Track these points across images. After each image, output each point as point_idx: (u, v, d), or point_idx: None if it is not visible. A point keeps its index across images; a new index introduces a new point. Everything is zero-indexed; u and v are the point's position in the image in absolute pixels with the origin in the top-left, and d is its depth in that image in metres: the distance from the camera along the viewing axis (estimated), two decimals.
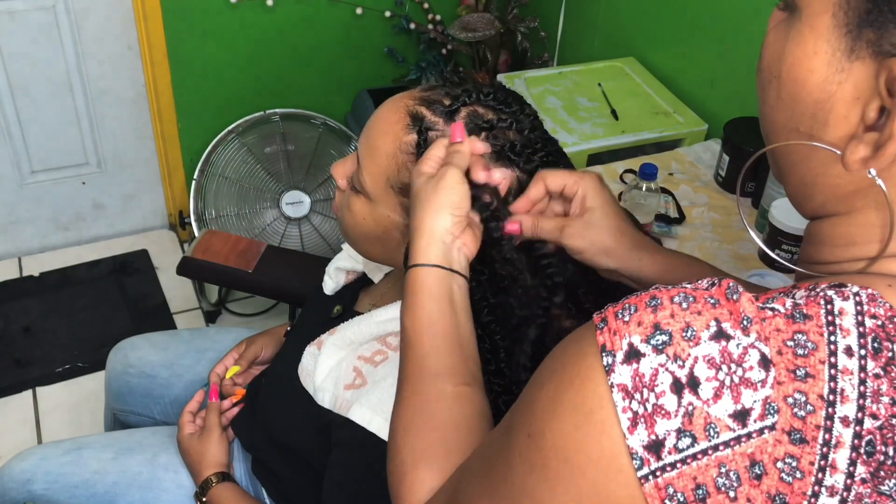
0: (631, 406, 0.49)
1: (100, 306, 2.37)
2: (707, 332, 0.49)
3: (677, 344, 0.49)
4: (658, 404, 0.48)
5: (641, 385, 0.49)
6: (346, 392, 0.92)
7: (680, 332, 0.49)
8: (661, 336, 0.49)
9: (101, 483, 1.19)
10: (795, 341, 0.49)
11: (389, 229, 0.92)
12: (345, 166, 0.96)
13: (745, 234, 1.52)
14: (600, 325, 0.52)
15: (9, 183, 2.43)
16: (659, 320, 0.50)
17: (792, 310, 0.50)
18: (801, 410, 0.48)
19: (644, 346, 0.49)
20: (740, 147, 1.58)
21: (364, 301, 1.09)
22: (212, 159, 2.39)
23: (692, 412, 0.48)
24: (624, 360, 0.50)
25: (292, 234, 2.43)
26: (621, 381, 0.49)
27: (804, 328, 0.49)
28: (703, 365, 0.48)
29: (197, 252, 1.85)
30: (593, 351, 0.51)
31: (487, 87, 0.89)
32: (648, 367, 0.49)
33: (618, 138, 1.77)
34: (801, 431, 0.48)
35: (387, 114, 0.90)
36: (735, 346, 0.49)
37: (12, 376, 2.14)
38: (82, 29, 2.28)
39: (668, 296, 0.51)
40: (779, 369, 0.48)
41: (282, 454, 1.08)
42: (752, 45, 1.72)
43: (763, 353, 0.49)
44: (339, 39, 2.50)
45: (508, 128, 0.87)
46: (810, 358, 0.49)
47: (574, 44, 2.36)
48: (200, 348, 1.42)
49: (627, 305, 0.51)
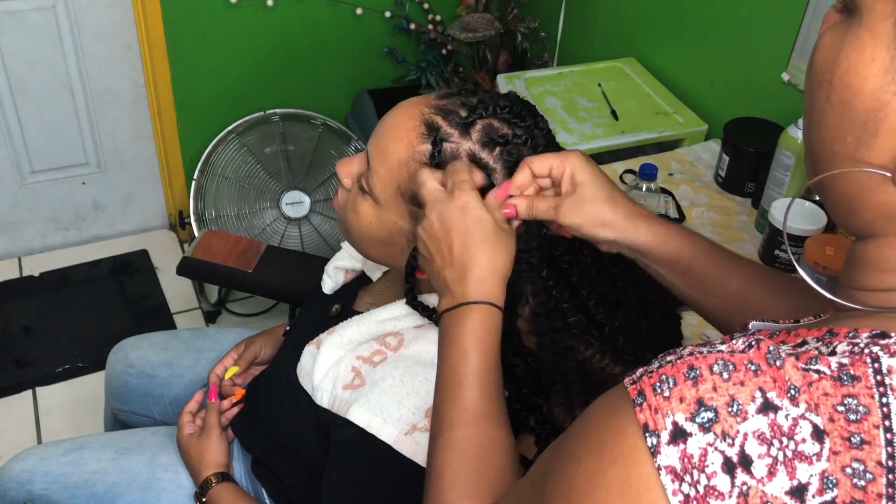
0: (682, 489, 0.47)
1: (100, 306, 2.37)
2: (754, 404, 0.47)
3: (724, 420, 0.47)
4: (710, 486, 0.46)
5: (691, 466, 0.47)
6: (345, 392, 0.92)
7: (725, 406, 0.47)
8: (706, 413, 0.47)
9: (101, 483, 1.19)
10: (846, 406, 0.47)
11: (395, 234, 0.92)
12: (351, 166, 0.95)
13: (744, 234, 1.52)
14: (638, 401, 0.50)
15: (9, 183, 2.43)
16: (702, 395, 0.48)
17: (838, 371, 0.48)
18: (861, 480, 0.46)
19: (690, 426, 0.47)
20: (740, 147, 1.58)
21: (363, 300, 1.09)
22: (212, 159, 2.39)
23: (747, 492, 0.46)
24: (670, 441, 0.47)
25: (292, 235, 2.43)
26: (669, 462, 0.47)
27: (853, 391, 0.47)
28: (753, 441, 0.46)
29: (197, 252, 1.85)
30: (634, 429, 0.49)
31: (503, 100, 0.89)
32: (697, 448, 0.47)
33: (618, 138, 1.77)
34: (863, 502, 0.46)
35: (401, 119, 0.89)
36: (784, 418, 0.47)
37: (12, 376, 2.14)
38: (82, 29, 2.28)
39: (707, 364, 0.49)
40: (833, 438, 0.46)
41: (281, 454, 1.08)
42: (752, 46, 1.72)
43: (815, 425, 0.47)
44: (339, 39, 2.50)
45: (523, 144, 0.87)
46: (864, 423, 0.47)
47: (574, 44, 2.36)
48: (200, 348, 1.42)
49: (665, 378, 0.49)
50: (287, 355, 1.09)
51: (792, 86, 1.62)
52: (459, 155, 0.86)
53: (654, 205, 1.48)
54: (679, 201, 1.58)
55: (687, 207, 1.57)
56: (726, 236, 1.51)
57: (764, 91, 1.70)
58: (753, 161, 1.57)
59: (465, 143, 0.86)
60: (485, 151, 0.86)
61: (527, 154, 0.87)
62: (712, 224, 1.54)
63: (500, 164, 0.86)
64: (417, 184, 0.84)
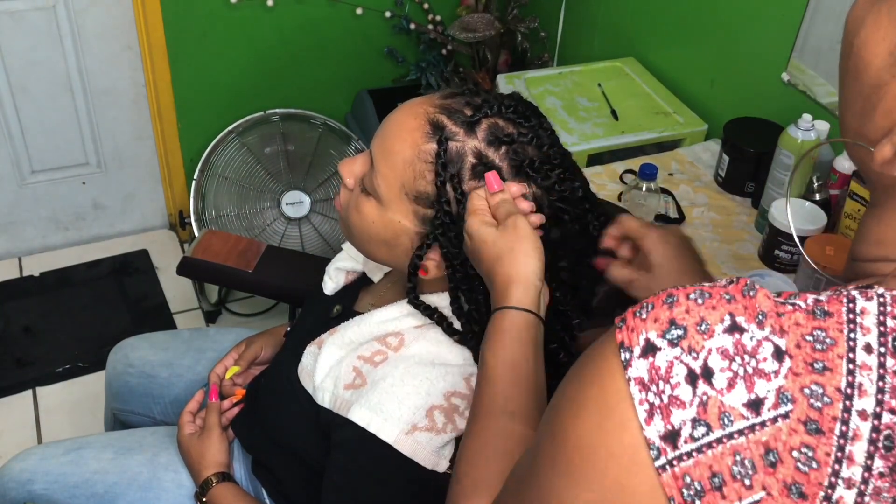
0: (647, 398, 0.50)
1: (100, 306, 2.37)
2: (721, 325, 0.50)
3: (692, 337, 0.50)
4: (674, 395, 0.49)
5: (657, 377, 0.50)
6: (346, 392, 0.92)
7: (694, 325, 0.50)
8: (676, 330, 0.50)
9: (101, 483, 1.19)
10: (814, 336, 0.50)
11: (399, 234, 0.92)
12: (354, 165, 0.95)
13: (744, 234, 1.52)
14: (619, 325, 0.53)
15: (9, 183, 2.43)
16: (674, 316, 0.51)
17: (813, 306, 0.51)
18: (818, 402, 0.48)
19: (660, 341, 0.50)
20: (740, 147, 1.58)
21: (364, 301, 1.09)
22: (212, 159, 2.39)
23: (707, 402, 0.49)
24: (641, 355, 0.51)
25: (292, 234, 2.43)
26: (638, 374, 0.50)
27: (824, 325, 0.50)
28: (716, 356, 0.49)
29: (197, 252, 1.85)
30: (613, 350, 0.52)
31: (508, 100, 0.89)
32: (664, 360, 0.50)
33: (618, 138, 1.77)
34: (817, 422, 0.48)
35: (406, 119, 0.89)
36: (749, 339, 0.49)
37: (12, 376, 2.14)
38: (82, 29, 2.28)
39: (685, 293, 0.52)
40: (796, 361, 0.49)
41: (282, 454, 1.08)
42: (752, 46, 1.72)
43: (777, 346, 0.49)
44: (339, 39, 2.50)
45: (528, 143, 0.87)
46: (829, 353, 0.49)
47: (574, 44, 2.36)
48: (200, 348, 1.42)
49: (645, 304, 0.53)
50: (288, 356, 1.09)
51: (792, 86, 1.62)
52: (465, 153, 0.86)
53: (654, 205, 1.48)
54: (679, 201, 1.58)
55: (687, 207, 1.57)
56: (726, 236, 1.51)
57: (764, 91, 1.70)
58: (753, 161, 1.57)
59: (471, 141, 0.86)
60: (490, 150, 0.86)
61: (532, 153, 0.87)
62: (712, 224, 1.54)
63: (506, 163, 0.86)
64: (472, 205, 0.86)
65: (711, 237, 1.51)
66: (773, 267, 1.42)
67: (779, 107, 1.65)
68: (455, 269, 0.89)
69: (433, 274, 0.91)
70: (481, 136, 0.87)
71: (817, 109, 1.56)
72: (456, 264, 0.89)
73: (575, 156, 0.98)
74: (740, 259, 1.46)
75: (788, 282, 1.38)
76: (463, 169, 0.87)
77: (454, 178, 0.86)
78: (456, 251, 0.88)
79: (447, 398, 0.88)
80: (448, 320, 0.92)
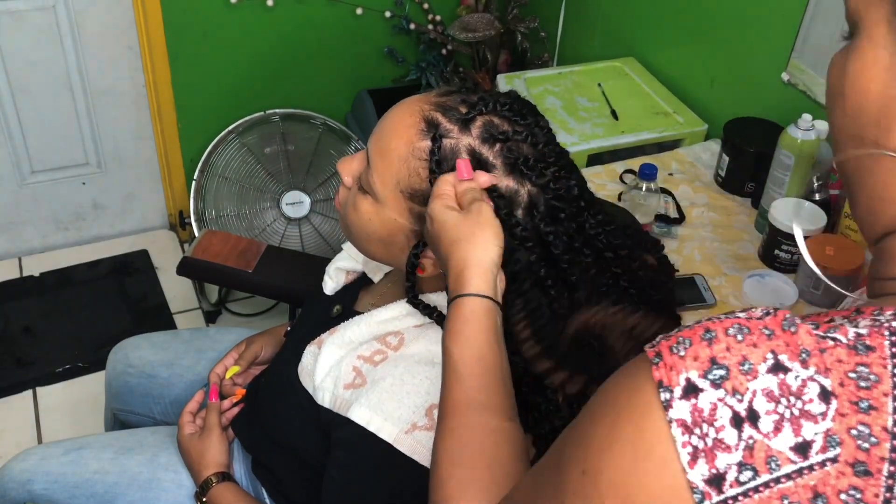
0: (691, 441, 0.49)
1: (100, 306, 2.37)
2: (765, 364, 0.49)
3: (735, 378, 0.49)
4: (718, 438, 0.48)
5: (701, 420, 0.49)
6: (346, 392, 0.92)
7: (737, 365, 0.49)
8: (718, 370, 0.49)
9: (101, 483, 1.19)
10: (858, 373, 0.49)
11: (395, 232, 0.92)
12: (352, 164, 0.95)
13: (744, 234, 1.52)
14: (655, 361, 0.51)
15: (9, 183, 2.43)
16: (715, 354, 0.50)
17: (854, 341, 0.50)
18: (865, 443, 0.48)
19: (702, 382, 0.49)
20: (740, 147, 1.58)
21: (364, 300, 1.09)
22: (212, 159, 2.39)
23: (753, 445, 0.48)
24: (682, 396, 0.49)
25: (292, 235, 2.43)
26: (680, 416, 0.49)
27: (867, 360, 0.49)
28: (762, 398, 0.48)
29: (197, 252, 1.85)
30: (650, 387, 0.51)
31: (504, 98, 0.88)
32: (707, 402, 0.49)
33: (618, 138, 1.77)
34: (865, 464, 0.47)
35: (401, 116, 0.89)
36: (794, 379, 0.49)
37: (12, 376, 2.14)
38: (82, 29, 2.28)
39: (723, 328, 0.51)
40: (841, 401, 0.48)
41: (282, 454, 1.08)
42: (752, 46, 1.72)
43: (823, 386, 0.48)
44: (339, 40, 2.50)
45: (523, 140, 0.87)
46: (873, 390, 0.48)
47: (574, 44, 2.36)
48: (200, 348, 1.42)
49: (682, 339, 0.51)
50: (288, 355, 1.09)
51: (792, 86, 1.62)
52: (459, 151, 0.86)
53: (653, 205, 1.48)
54: (679, 201, 1.58)
55: (687, 207, 1.57)
56: (726, 236, 1.51)
57: (764, 91, 1.70)
58: (753, 161, 1.57)
59: (465, 138, 0.86)
60: (485, 147, 0.86)
61: (527, 151, 0.86)
62: (712, 224, 1.54)
63: (500, 161, 0.86)
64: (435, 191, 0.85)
65: (711, 237, 1.51)
66: (773, 267, 1.42)
67: (779, 107, 1.65)
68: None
69: (430, 272, 0.91)
70: (476, 134, 0.86)
71: (817, 109, 1.56)
72: None
73: (575, 156, 0.98)
74: (740, 259, 1.46)
75: (788, 282, 1.38)
76: None
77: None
78: None
79: None
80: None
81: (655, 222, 1.50)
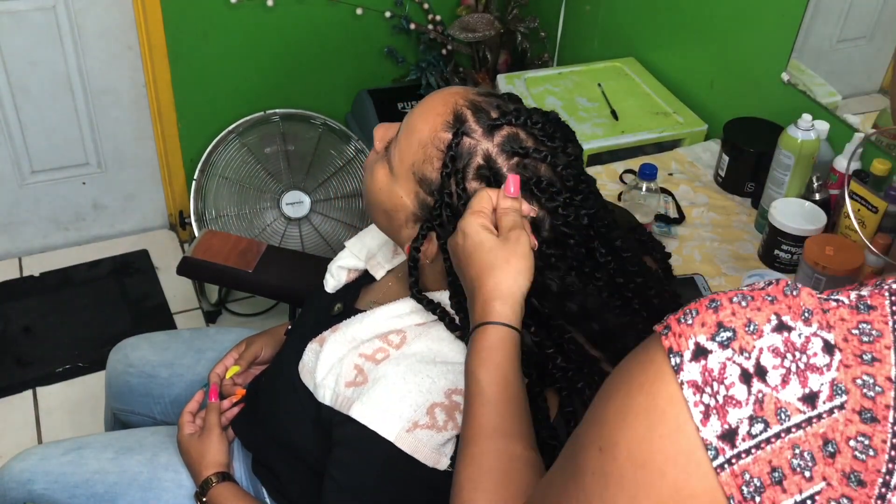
0: (702, 400, 0.50)
1: (100, 306, 2.37)
2: (769, 325, 0.51)
3: (742, 338, 0.50)
4: (729, 395, 0.50)
5: (711, 379, 0.50)
6: (347, 389, 0.93)
7: (743, 327, 0.51)
8: (725, 333, 0.51)
9: (102, 483, 1.19)
10: (860, 330, 0.51)
11: (398, 209, 0.93)
12: (387, 131, 0.97)
13: (744, 234, 1.52)
14: (664, 332, 0.53)
15: (9, 183, 2.43)
16: (721, 319, 0.51)
17: (856, 301, 0.52)
18: (871, 391, 0.49)
19: (710, 344, 0.51)
20: (740, 147, 1.58)
21: (365, 298, 1.09)
22: (212, 159, 2.39)
23: (762, 399, 0.49)
24: (692, 359, 0.51)
25: (292, 235, 2.43)
26: (691, 377, 0.51)
27: (868, 318, 0.51)
28: (768, 354, 0.50)
29: (197, 252, 1.85)
30: (660, 356, 0.52)
31: (539, 115, 0.89)
32: (716, 362, 0.50)
33: (617, 138, 1.77)
34: (871, 411, 0.49)
35: (436, 103, 0.91)
36: (797, 336, 0.50)
37: (12, 376, 2.14)
38: (82, 29, 2.28)
39: (727, 297, 0.52)
40: (845, 354, 0.50)
41: (282, 453, 1.08)
42: (752, 46, 1.72)
43: (826, 340, 0.50)
44: (339, 39, 2.50)
45: (542, 160, 0.87)
46: (876, 344, 0.50)
47: (574, 44, 2.36)
48: (200, 348, 1.42)
49: (689, 310, 0.53)
50: (288, 354, 1.09)
51: (791, 86, 1.62)
52: (475, 153, 0.87)
53: (653, 205, 1.48)
54: (679, 201, 1.58)
55: (687, 207, 1.57)
56: (726, 236, 1.51)
57: (764, 91, 1.70)
58: (753, 161, 1.57)
59: (485, 143, 0.87)
60: (501, 157, 0.86)
61: (543, 172, 0.86)
62: (712, 224, 1.54)
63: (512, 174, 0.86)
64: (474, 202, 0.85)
65: (711, 237, 1.51)
66: (773, 267, 1.42)
67: (779, 107, 1.65)
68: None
69: (430, 258, 0.92)
70: (497, 142, 0.87)
71: (817, 109, 1.56)
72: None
73: None
74: (740, 259, 1.46)
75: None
76: (469, 167, 0.87)
77: (458, 172, 0.87)
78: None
79: (448, 396, 0.88)
80: (451, 316, 0.93)
81: (655, 222, 1.50)
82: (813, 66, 1.59)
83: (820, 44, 1.59)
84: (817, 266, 1.30)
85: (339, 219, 2.46)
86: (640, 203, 1.46)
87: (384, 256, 1.12)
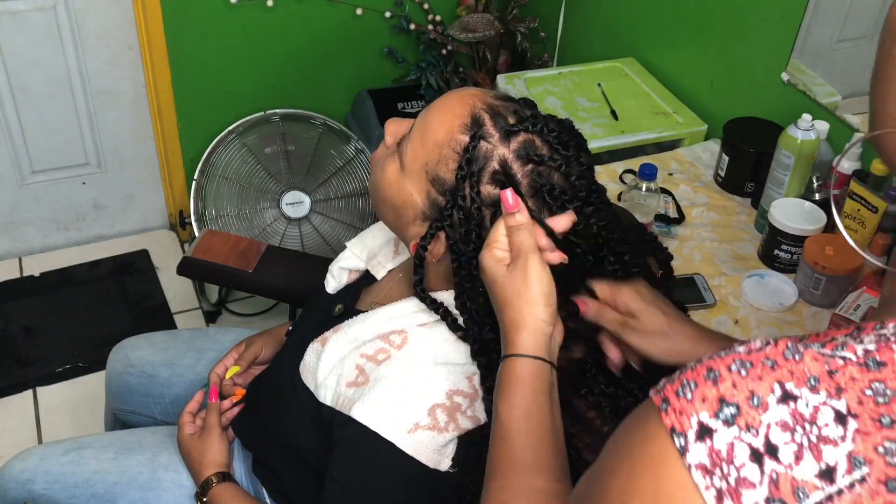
0: (713, 483, 0.48)
1: (100, 306, 2.37)
2: (773, 395, 0.48)
3: (746, 414, 0.48)
4: (741, 477, 0.47)
5: (720, 460, 0.48)
6: (349, 390, 0.93)
7: (746, 401, 0.48)
8: (728, 409, 0.48)
9: (102, 483, 1.19)
10: (874, 390, 0.48)
11: (407, 205, 0.92)
12: (399, 126, 0.96)
13: (744, 234, 1.52)
14: (663, 407, 0.51)
15: (9, 183, 2.43)
16: (723, 393, 0.49)
17: (864, 358, 0.49)
18: (894, 458, 0.47)
19: (713, 422, 0.48)
20: (740, 147, 1.58)
21: (366, 299, 1.09)
22: (212, 159, 2.39)
23: (777, 479, 0.47)
24: (697, 439, 0.49)
25: (292, 235, 2.44)
26: (698, 460, 0.48)
27: (881, 376, 0.48)
28: (776, 429, 0.48)
29: (197, 252, 1.85)
30: (662, 434, 0.50)
31: (555, 123, 0.88)
32: (723, 442, 0.48)
33: (617, 138, 1.77)
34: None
35: (453, 103, 0.90)
36: (805, 406, 0.48)
37: (12, 376, 2.14)
38: (82, 29, 2.28)
39: (725, 365, 0.50)
40: (862, 420, 0.47)
41: (282, 453, 1.08)
42: (752, 46, 1.73)
43: (837, 410, 0.48)
44: (339, 39, 2.50)
45: (556, 169, 0.87)
46: (893, 405, 0.48)
47: (574, 44, 2.36)
48: (200, 348, 1.42)
49: (686, 381, 0.50)
50: (289, 354, 1.09)
51: (791, 85, 1.62)
52: (491, 158, 0.86)
53: (653, 205, 1.48)
54: (679, 201, 1.58)
55: (686, 207, 1.57)
56: (726, 236, 1.51)
57: (764, 91, 1.70)
58: (753, 161, 1.57)
59: (501, 148, 0.87)
60: (517, 163, 0.86)
61: (556, 180, 0.87)
62: (712, 224, 1.54)
63: (528, 182, 0.86)
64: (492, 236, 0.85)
65: (711, 237, 1.51)
66: (773, 267, 1.42)
67: (779, 107, 1.65)
68: (461, 264, 0.89)
69: (437, 256, 0.92)
70: (513, 148, 0.87)
71: (817, 109, 1.56)
72: (462, 260, 0.89)
73: None
74: (740, 259, 1.46)
75: (788, 282, 1.38)
76: (484, 171, 0.87)
77: (474, 176, 0.87)
78: (463, 247, 0.89)
79: (449, 397, 0.88)
80: (453, 316, 0.93)
81: (655, 222, 1.50)
82: (813, 66, 1.59)
83: (820, 44, 1.59)
84: (817, 266, 1.30)
85: (339, 219, 2.46)
86: (640, 203, 1.46)
87: (385, 256, 1.13)
